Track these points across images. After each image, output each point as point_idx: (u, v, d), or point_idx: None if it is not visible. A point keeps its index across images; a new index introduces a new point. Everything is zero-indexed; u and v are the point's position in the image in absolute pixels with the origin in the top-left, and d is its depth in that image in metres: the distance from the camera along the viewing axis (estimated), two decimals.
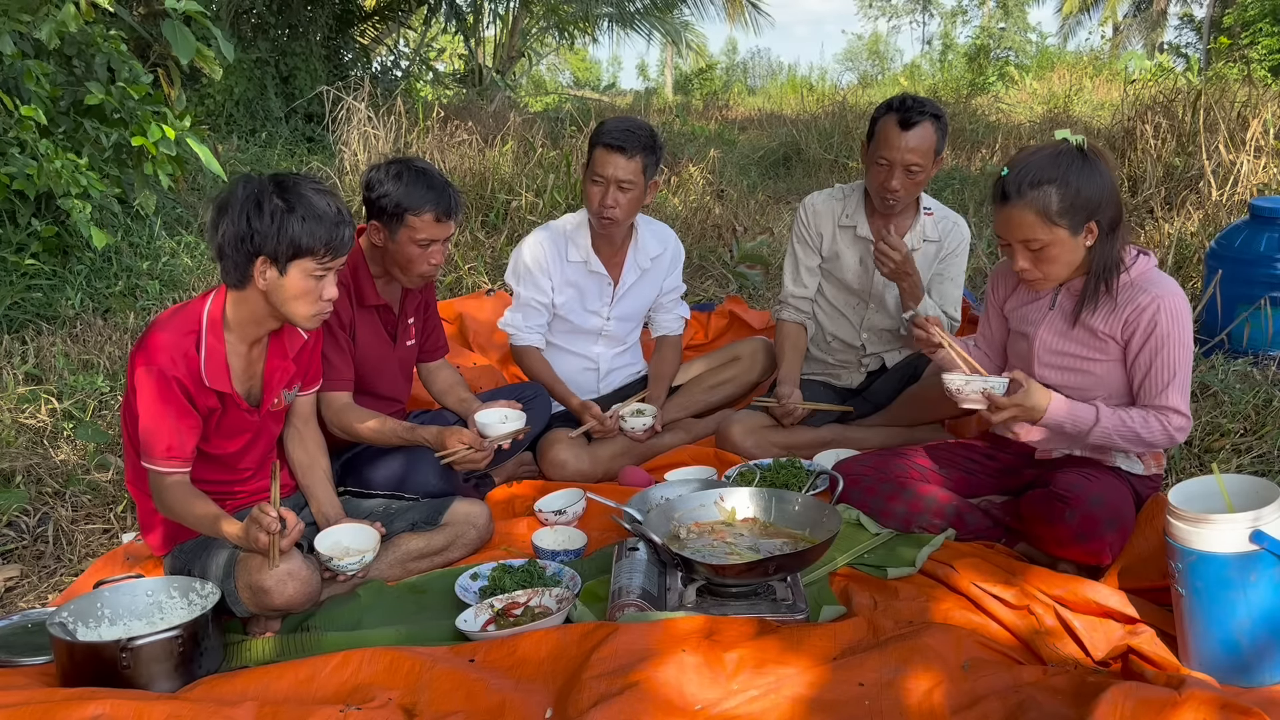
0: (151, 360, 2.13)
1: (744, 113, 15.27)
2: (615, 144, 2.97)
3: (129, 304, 4.53)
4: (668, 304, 3.46)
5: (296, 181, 2.17)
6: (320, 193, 2.17)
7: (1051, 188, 2.22)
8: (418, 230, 2.59)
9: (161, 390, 2.12)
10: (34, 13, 4.05)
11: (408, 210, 2.58)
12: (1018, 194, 2.24)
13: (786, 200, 7.93)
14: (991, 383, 2.29)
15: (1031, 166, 2.24)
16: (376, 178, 2.63)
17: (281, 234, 2.10)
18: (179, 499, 2.17)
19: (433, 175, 2.64)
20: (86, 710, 1.71)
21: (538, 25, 13.94)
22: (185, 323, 2.19)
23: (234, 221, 2.12)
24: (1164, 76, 9.52)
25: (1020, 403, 2.26)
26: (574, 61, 35.72)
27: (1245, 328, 3.79)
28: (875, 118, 2.99)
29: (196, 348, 2.17)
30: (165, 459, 2.15)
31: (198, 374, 2.16)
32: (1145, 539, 2.23)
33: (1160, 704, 1.67)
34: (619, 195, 3.02)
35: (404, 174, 2.60)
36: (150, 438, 2.14)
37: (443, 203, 2.60)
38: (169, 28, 4.22)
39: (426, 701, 1.84)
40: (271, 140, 8.71)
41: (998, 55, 20.37)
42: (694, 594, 2.16)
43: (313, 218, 2.12)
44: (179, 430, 2.15)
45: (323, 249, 2.14)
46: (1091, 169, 2.23)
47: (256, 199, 2.12)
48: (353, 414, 2.65)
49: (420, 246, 2.62)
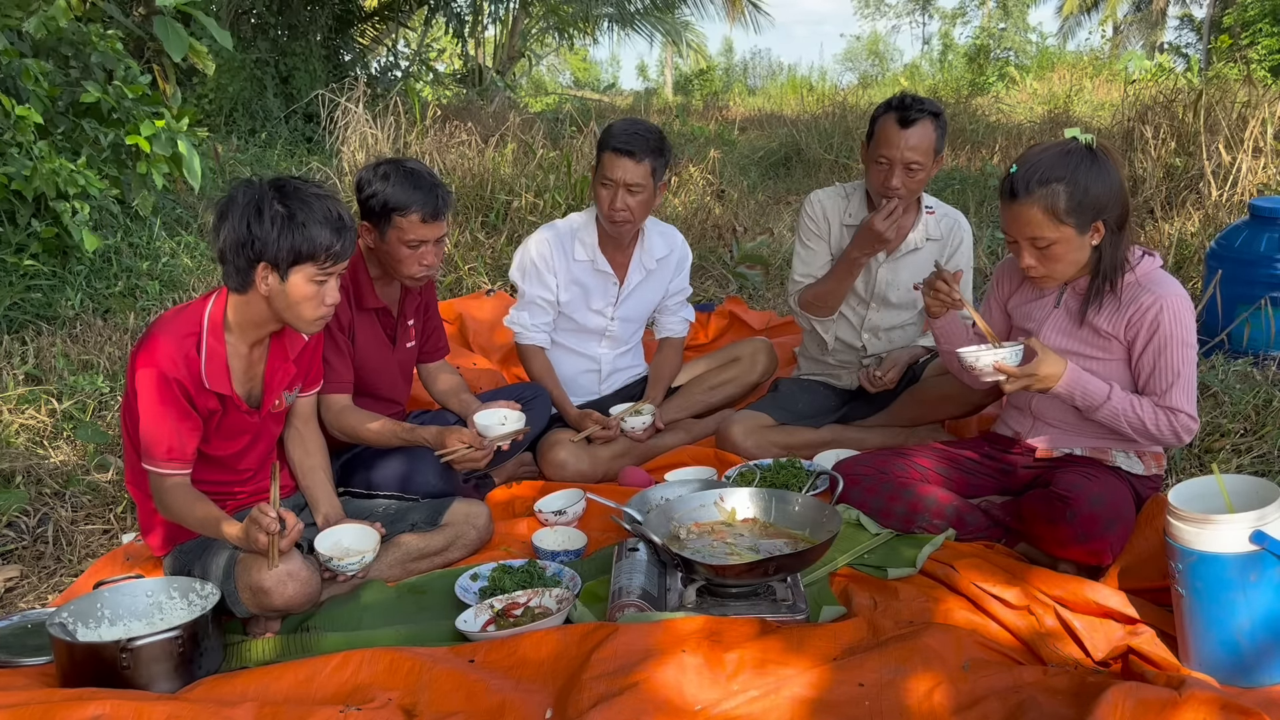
0: (152, 362, 2.13)
1: (744, 113, 15.26)
2: (624, 148, 2.97)
3: (129, 304, 4.53)
4: (673, 306, 3.46)
5: (297, 186, 2.16)
6: (321, 198, 2.16)
7: (1060, 186, 2.21)
8: (405, 231, 2.59)
9: (162, 392, 2.12)
10: (25, 8, 4.05)
11: (394, 211, 2.57)
12: (1026, 191, 2.23)
13: (787, 201, 7.93)
14: (1004, 352, 2.26)
15: (1040, 164, 2.23)
16: (366, 178, 2.63)
17: (282, 240, 2.10)
18: (180, 500, 2.17)
19: (421, 175, 2.62)
20: (86, 710, 1.71)
21: (538, 26, 13.95)
22: (186, 324, 2.19)
23: (234, 227, 2.12)
24: (1164, 77, 9.52)
25: (1034, 371, 2.24)
26: (574, 62, 35.72)
27: (1245, 328, 3.79)
28: (875, 117, 2.99)
29: (197, 350, 2.17)
30: (166, 460, 2.15)
31: (198, 376, 2.16)
32: (1145, 539, 2.23)
33: (1160, 704, 1.67)
34: (628, 198, 3.02)
35: (392, 174, 2.59)
36: (151, 439, 2.14)
37: (430, 203, 2.58)
38: (161, 24, 4.22)
39: (426, 702, 1.84)
40: (271, 141, 8.71)
41: (997, 55, 20.38)
42: (694, 594, 2.16)
43: (314, 223, 2.11)
44: (179, 432, 2.15)
45: (324, 255, 2.14)
46: (1100, 168, 2.23)
47: (257, 204, 2.11)
48: (352, 416, 2.65)
49: (410, 247, 2.61)
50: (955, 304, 2.49)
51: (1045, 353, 2.25)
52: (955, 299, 2.48)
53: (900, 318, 3.27)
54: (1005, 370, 2.24)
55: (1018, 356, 2.25)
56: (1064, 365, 2.26)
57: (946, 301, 2.50)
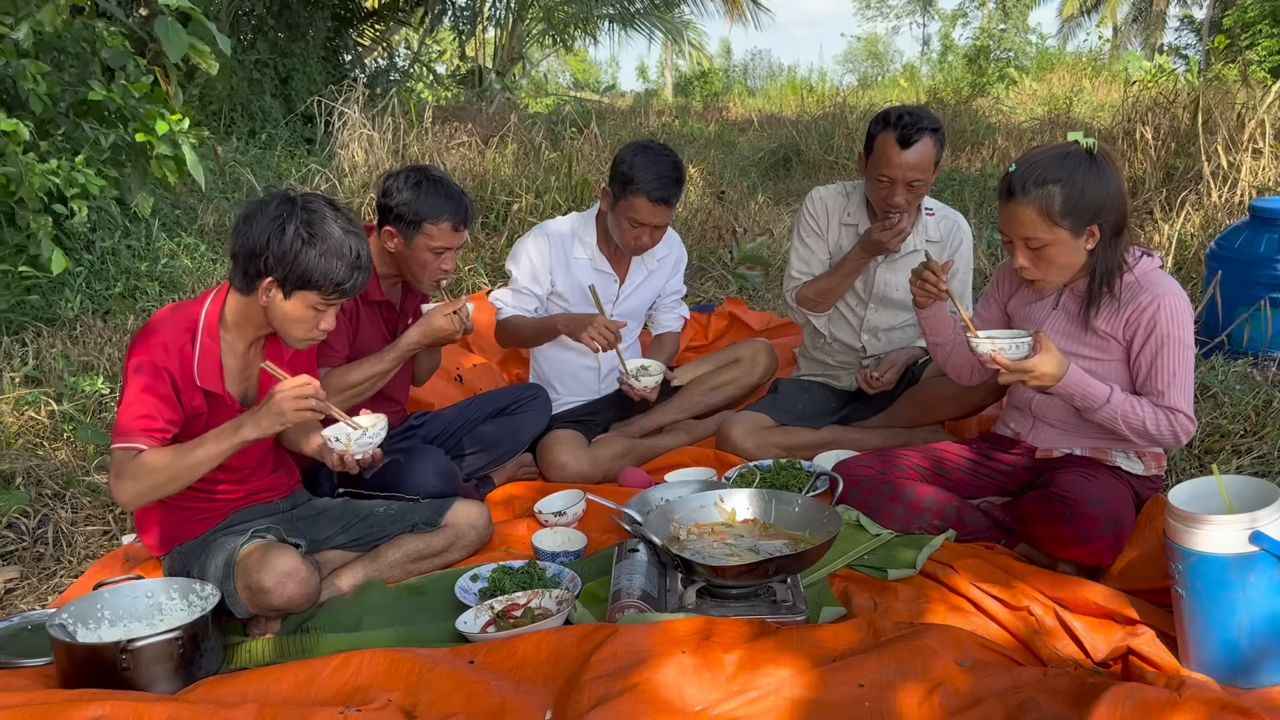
0: (145, 351, 2.13)
1: (744, 114, 15.26)
2: (660, 199, 2.98)
3: (128, 306, 4.53)
4: (669, 304, 3.48)
5: (327, 214, 2.14)
6: (348, 232, 2.15)
7: (1056, 187, 2.21)
8: (434, 238, 2.64)
9: (151, 379, 2.11)
10: (14, 13, 4.05)
11: (426, 219, 2.62)
12: (1022, 191, 2.24)
13: (787, 202, 7.93)
14: (1002, 343, 2.24)
15: (1038, 165, 2.24)
16: (394, 185, 2.66)
17: (295, 263, 2.09)
18: (157, 462, 2.07)
19: (450, 184, 2.68)
20: (86, 712, 1.71)
21: (537, 27, 13.95)
22: (182, 322, 2.19)
23: (255, 235, 2.11)
24: (1164, 78, 9.53)
25: (1029, 368, 2.22)
26: (573, 63, 35.73)
27: (1245, 329, 3.79)
28: (872, 133, 2.96)
29: (191, 345, 2.17)
30: (140, 433, 2.07)
31: (190, 372, 2.15)
32: (1145, 540, 2.23)
33: (1160, 705, 1.67)
34: (656, 234, 3.09)
35: (423, 183, 2.64)
36: (127, 415, 2.08)
37: (460, 213, 2.66)
38: (162, 25, 4.22)
39: (426, 703, 1.84)
40: (271, 142, 8.70)
41: (997, 57, 20.39)
42: (694, 595, 2.16)
43: (331, 255, 2.10)
44: (158, 409, 2.10)
45: (332, 288, 2.13)
46: (1098, 172, 2.23)
47: (282, 222, 2.10)
48: (341, 370, 2.67)
49: (434, 254, 2.67)
50: (941, 295, 2.49)
51: (1049, 351, 2.25)
52: (941, 290, 2.48)
53: (900, 318, 3.27)
54: (1000, 363, 2.24)
55: (1021, 349, 2.24)
56: (1065, 366, 2.25)
57: (933, 292, 2.50)
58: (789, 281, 3.29)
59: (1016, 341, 2.24)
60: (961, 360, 2.64)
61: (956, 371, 2.68)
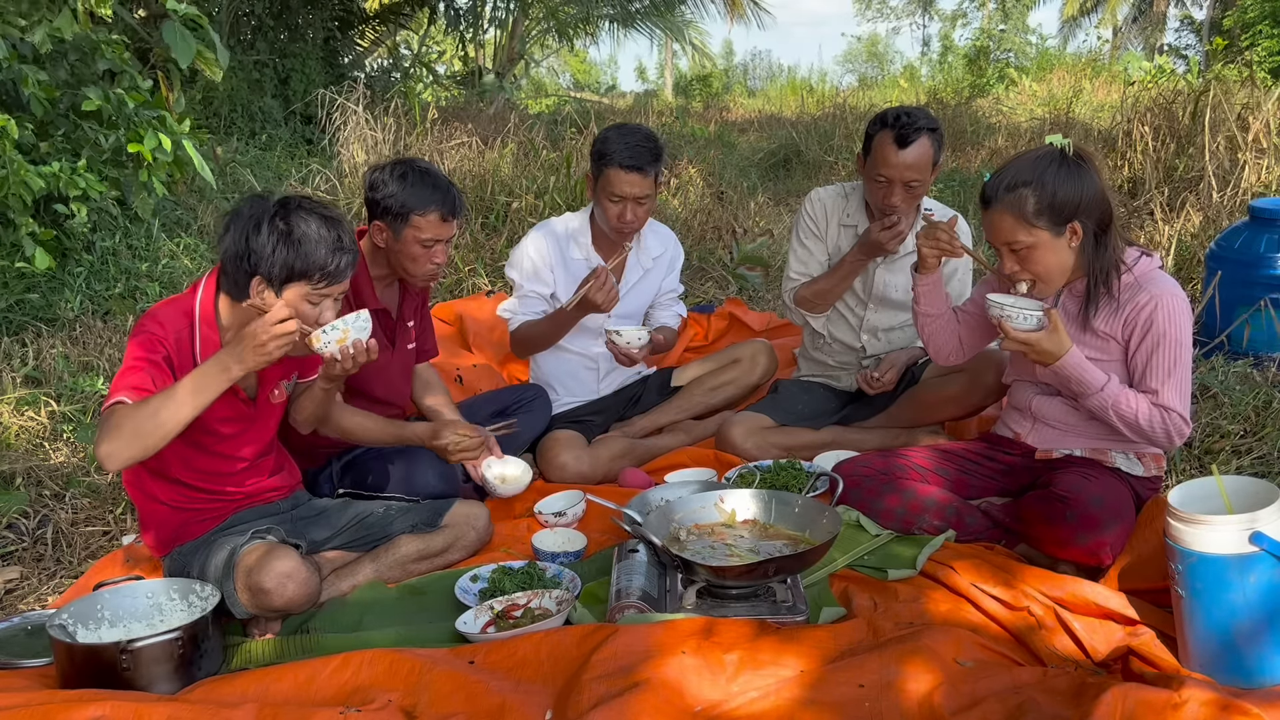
0: (144, 331, 2.14)
1: (744, 114, 15.27)
2: (631, 164, 2.97)
3: (128, 306, 4.53)
4: (666, 302, 3.47)
5: (301, 204, 2.15)
6: (326, 220, 2.15)
7: (1027, 190, 2.26)
8: (423, 230, 2.61)
9: (147, 352, 2.11)
10: (29, 17, 4.05)
11: (413, 210, 2.60)
12: (996, 197, 2.30)
13: (786, 202, 7.93)
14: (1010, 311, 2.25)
15: (1009, 171, 2.30)
16: (380, 178, 2.64)
17: (276, 256, 2.10)
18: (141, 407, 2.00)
19: (437, 175, 2.66)
20: (86, 712, 1.71)
21: (538, 28, 13.94)
22: (178, 311, 2.20)
23: (235, 239, 2.12)
24: (1164, 78, 9.52)
25: (1032, 341, 2.25)
26: (574, 64, 35.75)
27: (1245, 329, 3.79)
28: (870, 134, 2.97)
29: (190, 331, 2.18)
30: (127, 388, 2.04)
31: (187, 353, 2.16)
32: (1145, 540, 2.23)
33: (1160, 705, 1.67)
34: (638, 209, 3.05)
35: (409, 174, 2.62)
36: (118, 380, 2.07)
37: (448, 203, 2.63)
38: (169, 30, 4.22)
39: (426, 703, 1.84)
40: (271, 143, 8.70)
41: (997, 57, 20.38)
42: (694, 596, 2.16)
43: (309, 242, 2.11)
44: (152, 375, 2.09)
45: (318, 274, 2.13)
46: (1070, 171, 2.26)
47: (258, 220, 2.11)
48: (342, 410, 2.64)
49: (424, 246, 2.64)
50: (954, 252, 2.53)
51: (1056, 331, 2.26)
52: (955, 246, 2.52)
53: (899, 318, 3.27)
54: (1004, 328, 2.27)
55: (1030, 321, 2.25)
56: (1067, 347, 2.28)
57: (946, 250, 2.53)
58: (787, 283, 3.30)
59: (1025, 312, 2.26)
60: (945, 338, 2.67)
61: (937, 349, 2.70)
